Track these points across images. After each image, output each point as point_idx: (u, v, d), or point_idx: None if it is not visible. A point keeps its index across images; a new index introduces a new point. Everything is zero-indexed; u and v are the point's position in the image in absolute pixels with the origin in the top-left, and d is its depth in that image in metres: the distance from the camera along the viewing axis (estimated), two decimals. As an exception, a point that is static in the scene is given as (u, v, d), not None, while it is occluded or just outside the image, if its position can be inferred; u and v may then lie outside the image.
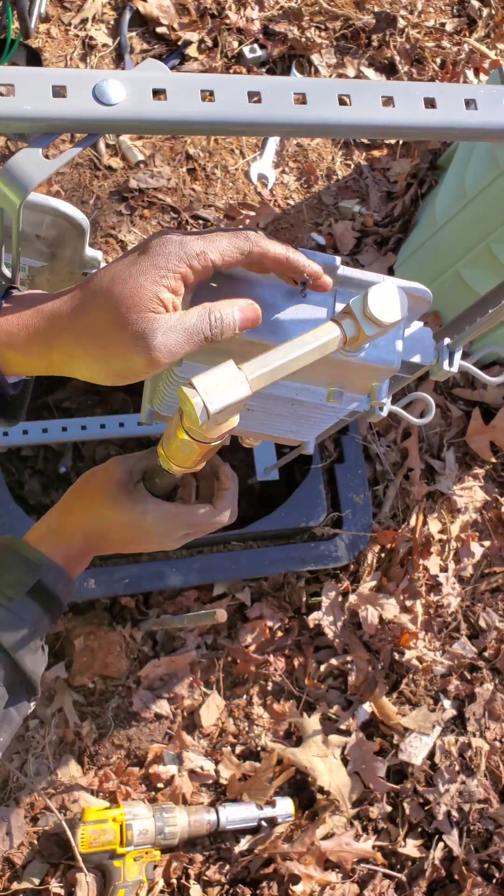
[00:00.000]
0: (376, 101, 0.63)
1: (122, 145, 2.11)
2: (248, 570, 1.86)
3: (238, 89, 0.60)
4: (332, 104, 0.62)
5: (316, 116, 0.62)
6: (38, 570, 0.88)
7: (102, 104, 0.55)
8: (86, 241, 0.77)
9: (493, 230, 1.75)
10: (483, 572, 2.02)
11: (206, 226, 2.10)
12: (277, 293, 0.77)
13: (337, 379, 0.85)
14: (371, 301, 0.69)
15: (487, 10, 2.41)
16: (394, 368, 0.81)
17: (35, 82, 0.54)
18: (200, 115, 0.58)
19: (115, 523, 0.90)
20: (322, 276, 0.73)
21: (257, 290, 0.76)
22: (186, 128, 0.59)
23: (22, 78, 0.53)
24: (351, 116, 0.62)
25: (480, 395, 2.12)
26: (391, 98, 0.63)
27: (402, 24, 2.35)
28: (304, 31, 2.29)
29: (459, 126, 0.64)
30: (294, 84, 0.62)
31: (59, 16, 2.20)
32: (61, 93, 0.54)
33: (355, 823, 1.81)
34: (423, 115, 0.64)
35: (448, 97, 0.64)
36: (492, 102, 0.65)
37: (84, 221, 0.73)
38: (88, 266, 0.81)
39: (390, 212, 2.19)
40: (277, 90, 0.61)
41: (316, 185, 2.20)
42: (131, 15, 2.22)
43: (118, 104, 0.56)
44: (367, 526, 1.92)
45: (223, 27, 2.26)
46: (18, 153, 0.54)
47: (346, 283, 0.79)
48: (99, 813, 1.67)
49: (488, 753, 1.88)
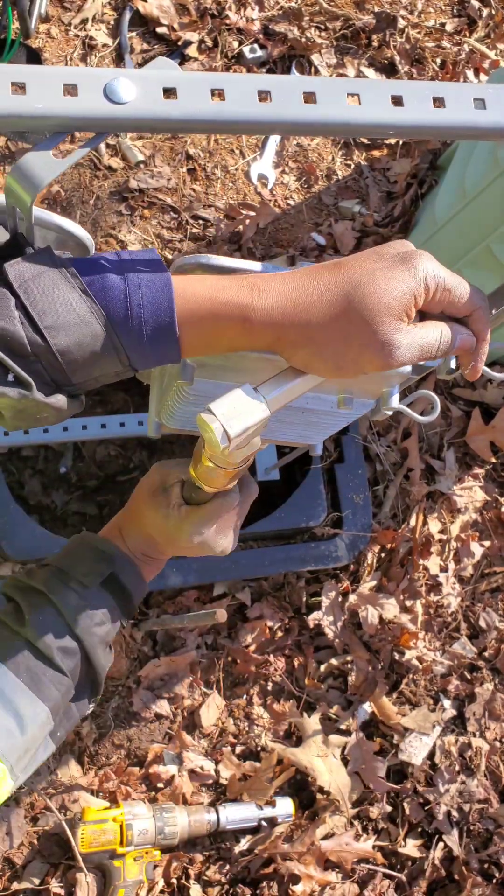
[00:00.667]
0: (386, 101, 0.63)
1: (122, 145, 2.11)
2: (248, 570, 1.86)
3: (248, 88, 0.59)
4: (342, 103, 0.62)
5: (325, 115, 0.61)
6: (112, 561, 0.88)
7: (113, 103, 0.55)
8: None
9: (493, 230, 1.75)
10: (483, 572, 2.02)
11: (207, 226, 2.09)
12: None
13: (348, 387, 0.85)
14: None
15: (487, 10, 2.42)
16: (406, 374, 0.81)
17: (46, 81, 0.54)
18: (210, 114, 0.58)
19: (152, 526, 0.92)
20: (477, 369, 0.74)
21: None
22: (197, 127, 0.59)
23: (34, 76, 0.53)
24: (360, 116, 0.62)
25: (480, 396, 2.12)
26: (400, 97, 0.63)
27: (402, 25, 2.35)
28: (304, 31, 2.29)
29: (469, 125, 0.64)
30: (303, 83, 0.61)
31: (59, 16, 2.20)
32: (72, 91, 0.54)
33: (355, 823, 1.81)
34: (433, 115, 0.64)
35: (457, 96, 0.64)
36: (501, 101, 0.65)
37: (88, 241, 0.73)
38: None
39: (390, 212, 2.19)
40: (287, 89, 0.61)
41: (316, 185, 2.20)
42: (131, 15, 2.21)
43: (129, 103, 0.56)
44: (367, 526, 1.92)
45: (223, 27, 2.25)
46: (29, 153, 0.53)
47: None
48: (99, 813, 1.67)
49: (488, 753, 1.89)
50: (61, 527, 2.03)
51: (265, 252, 2.10)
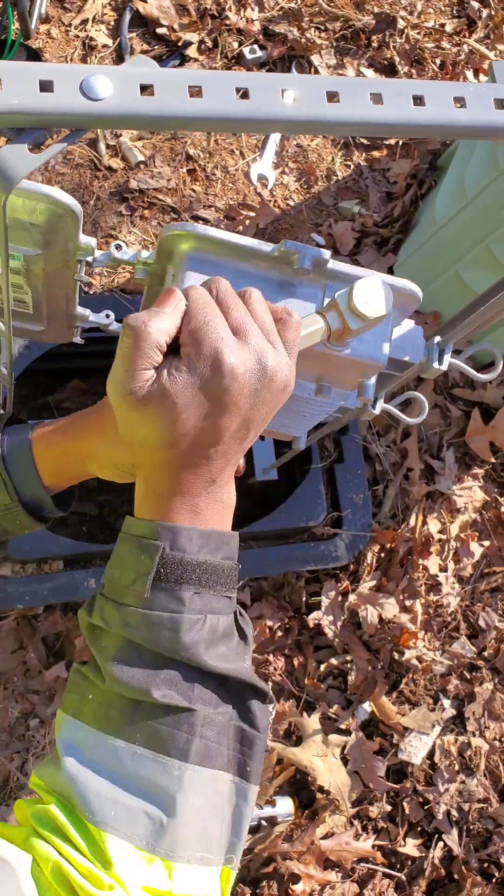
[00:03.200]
0: (365, 99, 0.63)
1: (122, 146, 2.12)
2: (248, 570, 1.86)
3: (226, 85, 0.60)
4: (321, 101, 0.62)
5: (304, 113, 0.62)
6: (154, 543, 0.65)
7: (90, 99, 0.55)
8: (79, 228, 0.77)
9: (493, 230, 1.75)
10: (482, 572, 2.02)
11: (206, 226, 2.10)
12: (268, 285, 0.78)
13: (324, 374, 0.85)
14: (356, 295, 0.70)
15: (487, 11, 2.42)
16: (380, 365, 0.81)
17: (22, 77, 0.54)
18: (188, 111, 0.58)
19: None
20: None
21: (247, 282, 0.76)
22: (174, 123, 0.59)
23: (9, 72, 0.54)
24: (339, 113, 0.62)
25: (480, 396, 2.12)
26: (380, 95, 0.63)
27: (401, 25, 2.35)
28: (304, 31, 2.30)
29: (448, 123, 0.64)
30: (282, 81, 0.61)
31: (59, 16, 2.21)
32: (49, 87, 0.55)
33: (355, 823, 1.81)
34: (412, 113, 0.64)
35: (437, 95, 0.64)
36: (480, 100, 0.65)
37: (76, 207, 0.73)
38: (83, 253, 0.81)
39: (390, 212, 2.19)
40: (265, 87, 0.61)
41: (316, 185, 2.21)
42: (131, 16, 2.22)
43: (105, 99, 0.56)
44: (366, 526, 1.92)
45: (223, 28, 2.26)
46: (3, 147, 0.54)
47: (336, 278, 0.79)
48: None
49: (488, 753, 1.88)
50: (61, 527, 2.03)
51: (265, 252, 2.11)
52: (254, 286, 0.75)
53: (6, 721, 1.78)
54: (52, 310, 0.91)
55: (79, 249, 0.80)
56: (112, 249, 0.82)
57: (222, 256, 0.77)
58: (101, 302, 1.88)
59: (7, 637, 1.81)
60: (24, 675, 1.81)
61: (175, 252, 0.78)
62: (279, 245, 0.76)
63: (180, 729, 0.63)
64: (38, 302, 0.89)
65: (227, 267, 0.77)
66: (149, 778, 0.62)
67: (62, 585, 1.72)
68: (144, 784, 0.61)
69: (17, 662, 1.80)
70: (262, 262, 0.78)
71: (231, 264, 0.77)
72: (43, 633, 1.82)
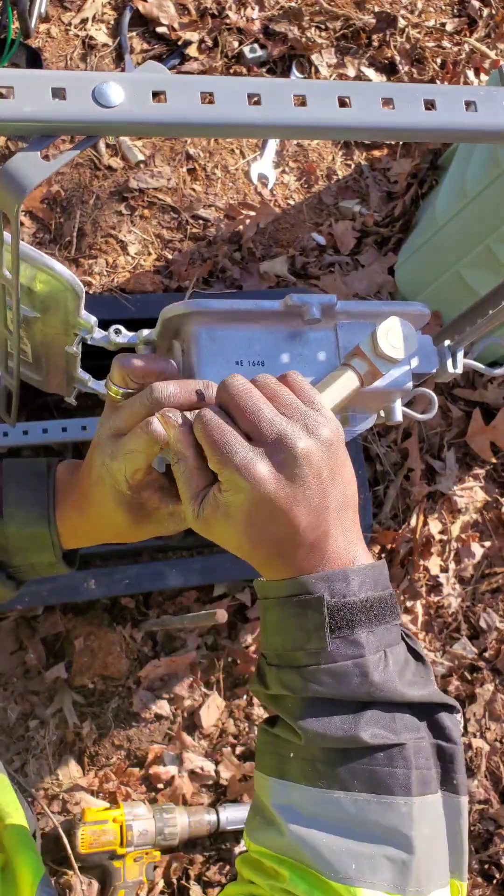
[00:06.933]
0: (376, 103, 0.63)
1: (122, 145, 2.11)
2: (248, 571, 1.85)
3: (238, 91, 0.59)
4: (332, 106, 0.62)
5: (316, 118, 0.61)
6: (320, 603, 0.63)
7: (102, 106, 0.55)
8: (80, 305, 0.75)
9: (493, 230, 1.75)
10: (483, 573, 2.02)
11: (207, 226, 2.09)
12: (278, 340, 0.78)
13: (351, 405, 0.85)
14: (380, 340, 0.71)
15: (488, 10, 2.41)
16: (406, 389, 0.81)
17: (34, 84, 0.54)
18: (200, 117, 0.58)
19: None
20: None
21: (258, 346, 0.77)
22: (186, 130, 0.59)
23: (21, 80, 0.53)
24: (351, 118, 0.62)
25: (481, 396, 2.12)
26: (391, 99, 0.63)
27: (402, 24, 2.35)
28: (305, 31, 2.29)
29: (459, 128, 0.64)
30: (294, 86, 0.61)
31: (59, 16, 2.20)
32: (61, 95, 0.54)
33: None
34: (423, 117, 0.63)
35: (448, 99, 0.64)
36: (491, 104, 0.64)
37: (78, 286, 0.71)
38: (81, 329, 0.79)
39: (391, 212, 2.19)
40: (277, 92, 0.61)
41: (316, 185, 2.20)
42: (131, 15, 2.21)
43: (118, 106, 0.56)
44: (367, 526, 1.92)
45: (223, 27, 2.25)
46: (16, 155, 0.53)
47: (345, 316, 0.79)
48: (99, 813, 1.67)
49: (488, 754, 1.88)
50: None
51: (265, 252, 2.10)
52: (265, 346, 0.76)
53: (6, 722, 1.78)
54: (53, 366, 0.89)
55: (78, 325, 0.79)
56: (111, 333, 0.81)
57: (229, 323, 0.77)
58: (100, 302, 1.87)
59: (6, 638, 1.80)
60: (24, 675, 1.81)
61: (181, 329, 0.78)
62: (284, 300, 0.76)
63: (396, 765, 0.62)
64: (38, 355, 0.87)
65: (235, 336, 0.77)
66: (377, 821, 0.61)
67: (62, 586, 1.71)
68: (374, 828, 0.61)
69: (17, 663, 1.80)
70: (269, 320, 0.78)
71: (240, 332, 0.77)
72: (42, 634, 1.82)
